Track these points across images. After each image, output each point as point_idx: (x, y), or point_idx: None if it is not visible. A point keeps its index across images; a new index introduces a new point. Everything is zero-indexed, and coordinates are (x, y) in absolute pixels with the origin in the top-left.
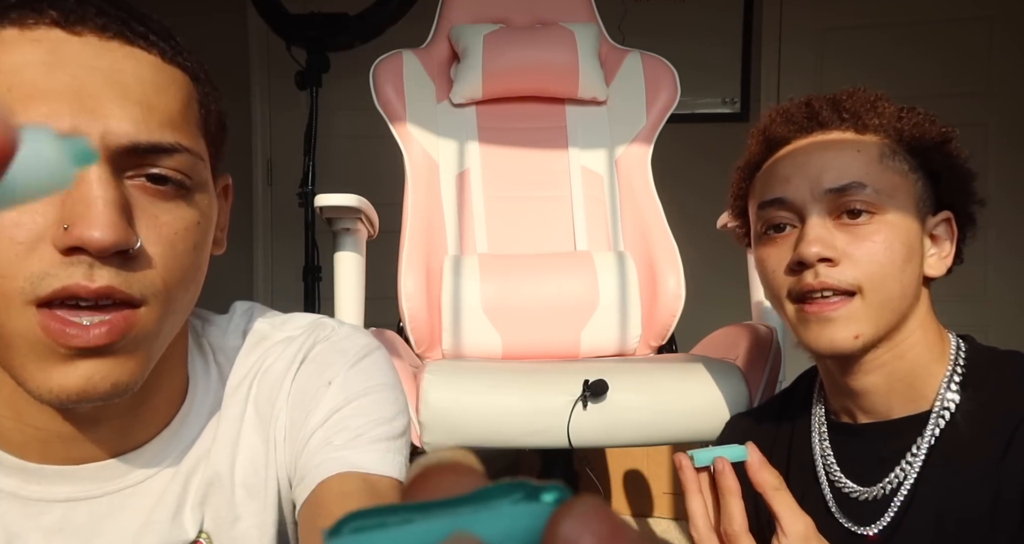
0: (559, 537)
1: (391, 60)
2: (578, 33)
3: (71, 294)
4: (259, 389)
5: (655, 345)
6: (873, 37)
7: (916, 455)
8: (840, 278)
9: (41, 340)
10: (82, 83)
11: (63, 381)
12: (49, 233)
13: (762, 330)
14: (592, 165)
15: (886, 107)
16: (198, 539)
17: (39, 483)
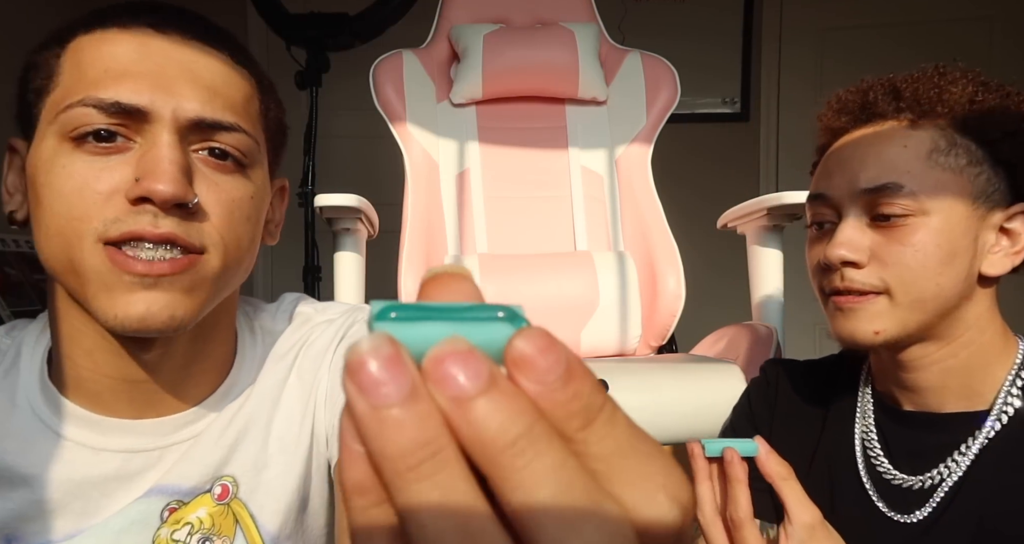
0: (514, 346)
1: (391, 60)
2: (578, 33)
3: (137, 236)
4: (302, 360)
5: (655, 345)
6: (873, 37)
7: (966, 453)
8: (865, 280)
9: (110, 271)
10: (162, 69)
11: (127, 308)
12: (123, 187)
13: (762, 330)
14: (592, 165)
15: (955, 92)
16: (222, 481)
17: (103, 434)
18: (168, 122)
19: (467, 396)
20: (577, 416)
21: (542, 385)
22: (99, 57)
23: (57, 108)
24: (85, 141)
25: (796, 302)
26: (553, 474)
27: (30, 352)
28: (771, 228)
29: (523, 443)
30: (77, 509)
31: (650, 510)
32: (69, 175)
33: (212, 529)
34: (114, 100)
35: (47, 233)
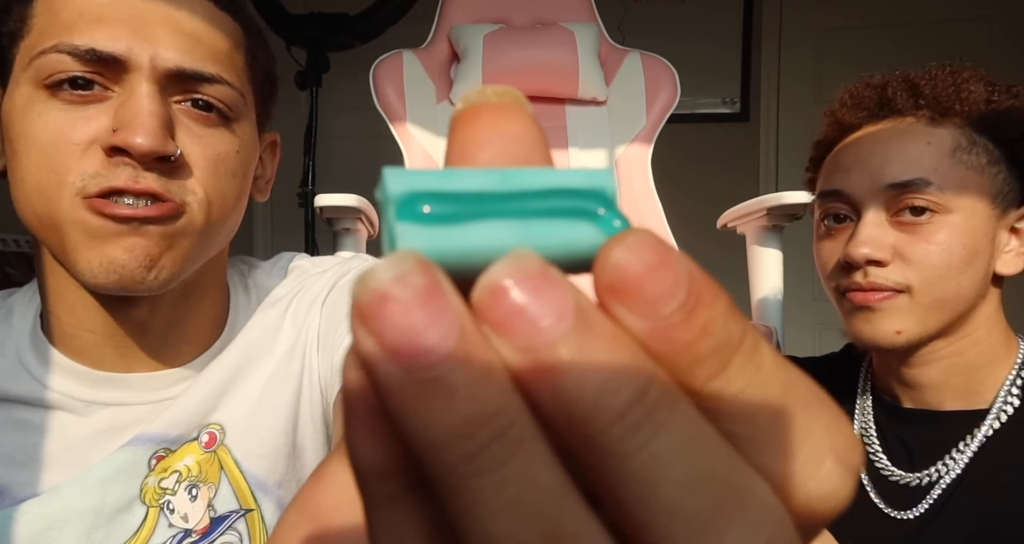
0: (609, 264)
1: (391, 60)
2: (578, 33)
3: (117, 190)
4: (296, 307)
5: None
6: (872, 38)
7: (964, 451)
8: (889, 277)
9: (92, 219)
10: (140, 15)
11: (110, 253)
12: (100, 137)
13: (762, 330)
14: (592, 165)
15: (972, 91)
16: (209, 429)
17: (91, 387)
18: (147, 71)
19: (549, 345)
20: (708, 361)
21: (656, 320)
22: (68, 4)
23: (31, 53)
24: (60, 89)
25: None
26: (682, 455)
27: (22, 310)
28: (771, 228)
29: (637, 412)
30: (67, 461)
31: (816, 484)
32: (44, 124)
33: (199, 476)
34: (89, 47)
35: (24, 186)
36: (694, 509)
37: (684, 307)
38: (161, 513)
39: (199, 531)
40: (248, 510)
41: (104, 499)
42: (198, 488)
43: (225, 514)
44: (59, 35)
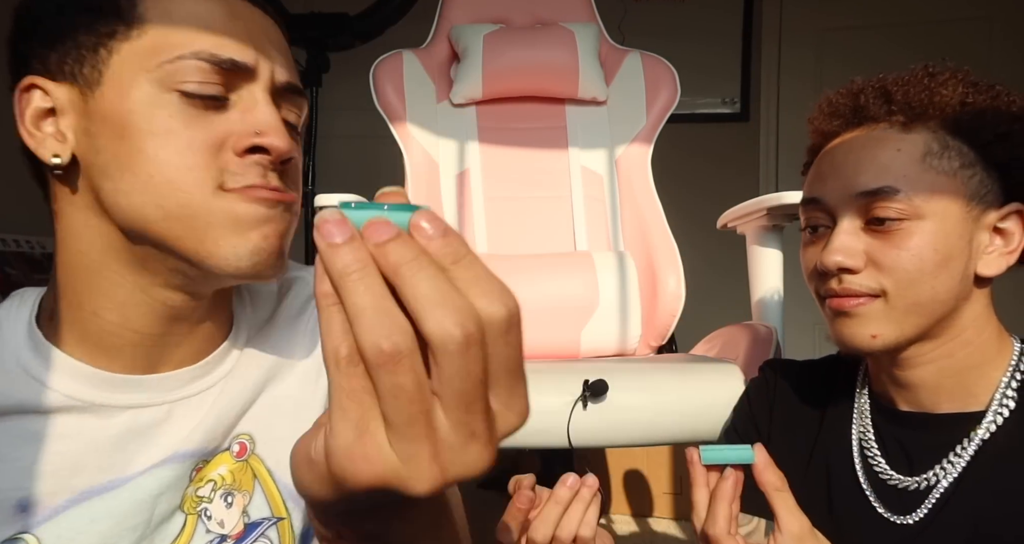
0: (413, 219)
1: (391, 60)
2: (578, 33)
3: (253, 187)
4: (314, 323)
5: (655, 345)
6: (872, 38)
7: (961, 454)
8: (863, 283)
9: (238, 209)
10: (253, 33)
11: (254, 243)
12: (229, 140)
13: (762, 330)
14: (592, 165)
15: (946, 94)
16: (239, 439)
17: (112, 391)
18: (266, 82)
19: (383, 241)
20: (448, 256)
21: (428, 239)
22: (193, 12)
23: (156, 57)
24: (191, 93)
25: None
26: (429, 280)
27: (11, 324)
28: (771, 228)
29: (413, 264)
30: (93, 464)
31: (490, 307)
32: (177, 123)
33: (233, 484)
34: (228, 57)
35: (148, 179)
36: (431, 298)
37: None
38: (199, 519)
39: (234, 536)
40: (279, 518)
41: (153, 513)
42: (233, 496)
43: (258, 521)
44: (192, 44)
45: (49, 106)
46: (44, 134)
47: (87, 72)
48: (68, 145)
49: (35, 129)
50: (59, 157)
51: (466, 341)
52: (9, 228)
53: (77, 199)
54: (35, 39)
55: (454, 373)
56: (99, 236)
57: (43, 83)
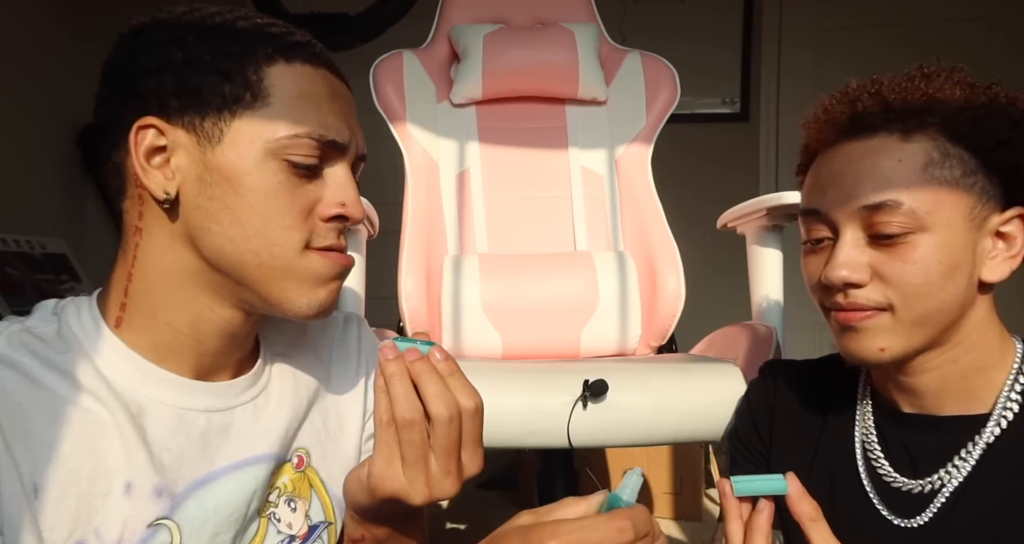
0: (431, 351)
1: (391, 60)
2: (578, 33)
3: (333, 248)
4: (367, 360)
5: (655, 345)
6: (872, 38)
7: (967, 457)
8: (869, 297)
9: (318, 267)
10: (344, 111)
11: (322, 296)
12: (319, 206)
13: (762, 330)
14: (592, 165)
15: (944, 100)
16: (298, 452)
17: (188, 395)
18: (351, 155)
19: (412, 360)
20: (446, 371)
21: (436, 361)
22: (307, 92)
23: (275, 131)
24: (296, 163)
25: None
26: (434, 383)
27: (87, 335)
28: (771, 228)
29: (426, 374)
30: (192, 458)
31: (467, 402)
32: (278, 190)
33: (294, 492)
34: (331, 139)
35: (242, 229)
36: (434, 395)
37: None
38: (269, 522)
39: (300, 536)
40: (330, 523)
41: (248, 509)
42: (295, 502)
43: (317, 524)
44: (304, 122)
45: (162, 144)
46: (154, 169)
47: (208, 127)
48: (175, 183)
49: (146, 163)
50: (168, 193)
51: (450, 419)
52: (9, 228)
53: (172, 228)
54: (158, 82)
55: (442, 436)
56: (181, 260)
57: (161, 125)
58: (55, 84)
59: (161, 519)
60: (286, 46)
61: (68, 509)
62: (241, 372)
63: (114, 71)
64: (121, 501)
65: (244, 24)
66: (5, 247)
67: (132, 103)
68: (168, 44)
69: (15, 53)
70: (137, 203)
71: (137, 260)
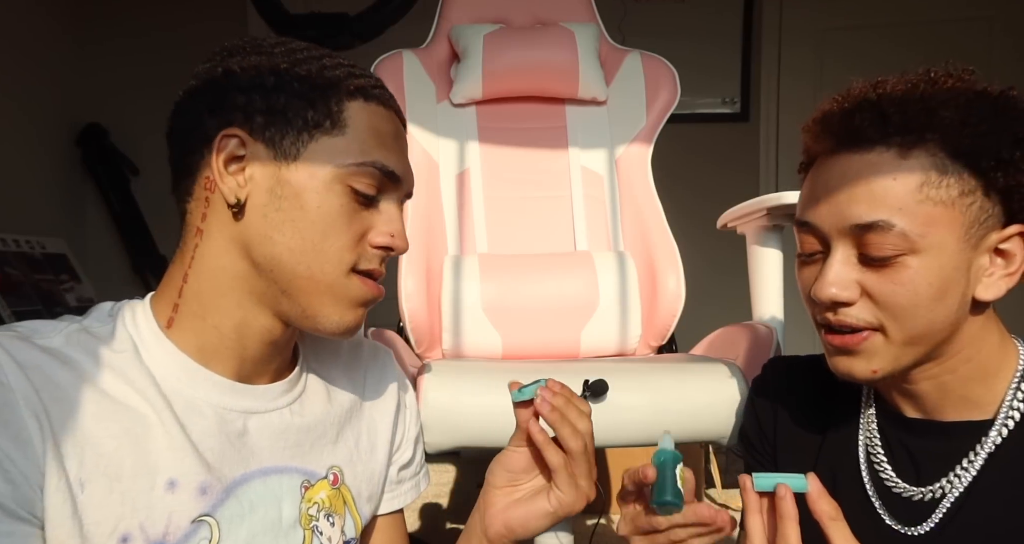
0: (543, 389)
1: (391, 60)
2: (578, 33)
3: (374, 273)
4: (405, 400)
5: (655, 345)
6: (873, 38)
7: (969, 466)
8: (859, 316)
9: (356, 290)
10: (402, 149)
11: (351, 318)
12: (370, 233)
13: (762, 330)
14: (592, 165)
15: (946, 116)
16: (333, 469)
17: (230, 396)
18: (403, 191)
19: (539, 405)
20: (571, 410)
21: (555, 399)
22: (377, 127)
23: (347, 158)
24: (358, 191)
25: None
26: (569, 426)
27: (142, 341)
28: (771, 228)
29: (559, 410)
30: (231, 459)
31: (584, 427)
32: (340, 212)
33: (331, 508)
34: (391, 170)
35: (302, 242)
36: (566, 433)
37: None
38: (313, 534)
39: None
40: (357, 540)
41: (280, 515)
42: (333, 517)
43: (350, 539)
44: (372, 153)
45: (241, 154)
46: (230, 175)
47: (287, 145)
48: (246, 190)
49: (224, 169)
50: (238, 198)
51: (583, 446)
52: (9, 228)
53: (232, 232)
54: (248, 99)
55: (571, 446)
56: (234, 265)
57: (244, 136)
58: (55, 84)
59: (203, 516)
60: (365, 87)
61: (113, 504)
62: (278, 379)
63: (207, 84)
64: (164, 497)
65: (330, 62)
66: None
67: (219, 114)
68: (262, 69)
69: (15, 53)
70: (202, 205)
71: (195, 261)
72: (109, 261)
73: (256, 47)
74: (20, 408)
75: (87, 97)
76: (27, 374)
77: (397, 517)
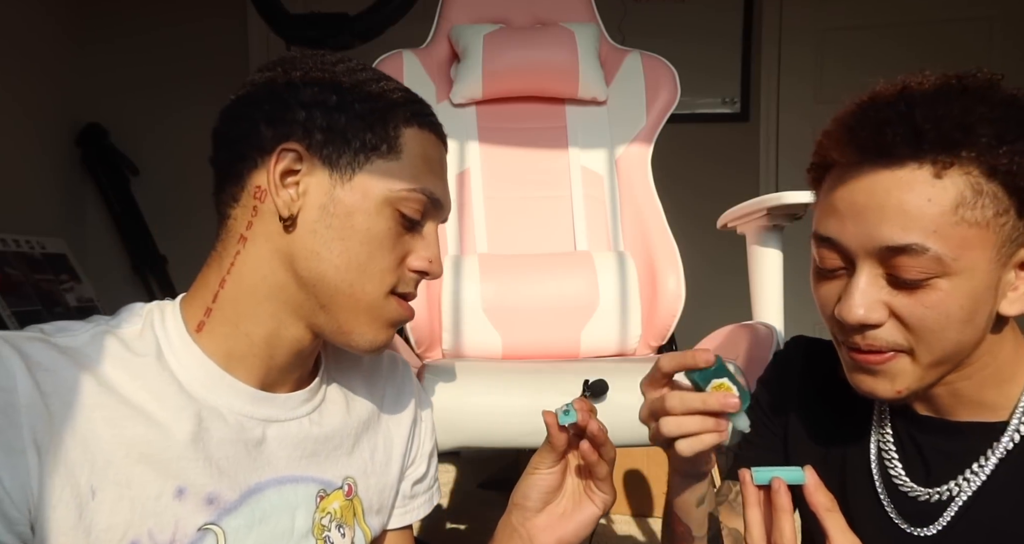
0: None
1: (391, 60)
2: (578, 33)
3: (408, 296)
4: (422, 416)
5: (655, 345)
6: (873, 38)
7: (979, 470)
8: (888, 338)
9: (392, 311)
10: (445, 176)
11: (384, 337)
12: (410, 257)
13: (762, 330)
14: (592, 165)
15: (983, 132)
16: (348, 480)
17: (252, 404)
18: (443, 217)
19: (588, 422)
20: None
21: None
22: (428, 155)
23: (399, 183)
24: (405, 215)
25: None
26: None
27: (170, 344)
28: (771, 228)
29: (604, 435)
30: (246, 467)
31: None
32: (387, 235)
33: (342, 519)
34: (437, 197)
35: (348, 260)
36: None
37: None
38: None
39: None
40: None
41: (294, 524)
42: (344, 528)
43: None
44: (422, 180)
45: (297, 169)
46: (285, 188)
47: (343, 164)
48: (299, 204)
49: (279, 182)
50: (292, 211)
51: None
52: (9, 228)
53: (278, 243)
54: (309, 115)
55: (609, 455)
56: (274, 275)
57: (302, 151)
58: (55, 84)
59: (209, 524)
60: (420, 114)
61: (123, 511)
62: (299, 388)
63: (267, 94)
64: (172, 504)
65: (388, 86)
66: (5, 247)
67: (279, 127)
68: (325, 86)
69: (15, 53)
70: (249, 213)
71: (234, 267)
72: (109, 261)
73: (318, 62)
74: (20, 416)
75: (87, 97)
76: (37, 378)
77: (407, 533)
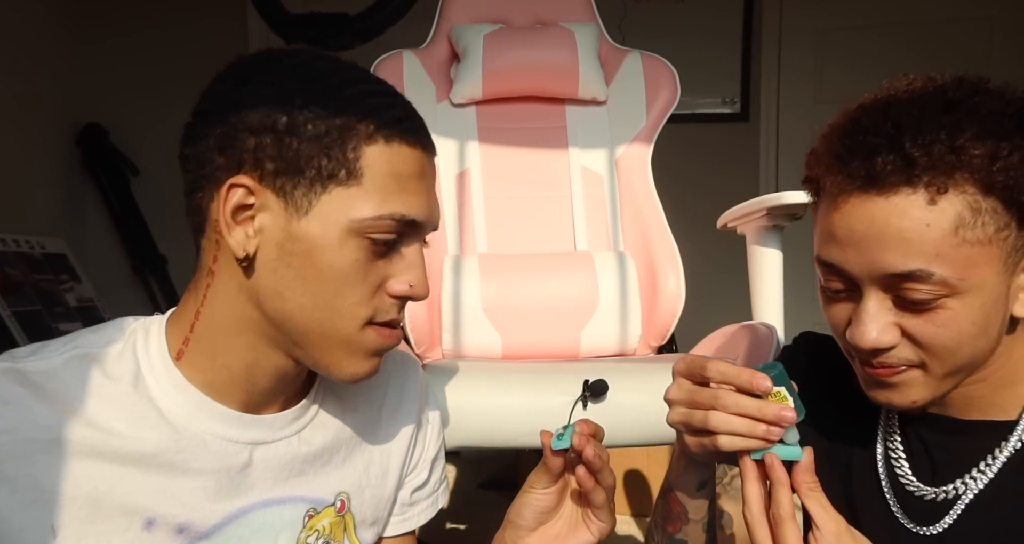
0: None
1: (391, 60)
2: (578, 33)
3: (392, 322)
4: (427, 420)
5: (655, 345)
6: (873, 38)
7: (986, 469)
8: (901, 355)
9: (371, 343)
10: (429, 188)
11: (366, 367)
12: (388, 282)
13: (762, 330)
14: (592, 165)
15: (975, 152)
16: (340, 496)
17: (237, 428)
18: (425, 233)
19: (582, 447)
20: (602, 450)
21: (589, 447)
22: (396, 173)
23: (360, 211)
24: (376, 240)
25: (796, 302)
26: (608, 466)
27: (151, 369)
28: (771, 228)
29: (601, 463)
30: (227, 492)
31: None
32: (355, 265)
33: (330, 535)
34: (412, 218)
35: (313, 300)
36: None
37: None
38: None
39: None
40: None
41: None
42: None
43: None
44: (390, 204)
45: (250, 203)
46: (238, 226)
47: (298, 196)
48: (255, 242)
49: (232, 220)
50: (247, 252)
51: (614, 480)
52: (9, 228)
53: (242, 282)
54: (258, 142)
55: (607, 482)
56: (245, 312)
57: (253, 185)
58: (55, 84)
59: None
60: (388, 123)
61: None
62: (288, 406)
63: (217, 114)
64: (140, 535)
65: (350, 91)
66: (5, 247)
67: (229, 154)
68: (274, 104)
69: (15, 53)
70: (213, 247)
71: (207, 300)
72: (109, 261)
73: (269, 73)
74: None
75: (87, 97)
76: None
77: (408, 540)
